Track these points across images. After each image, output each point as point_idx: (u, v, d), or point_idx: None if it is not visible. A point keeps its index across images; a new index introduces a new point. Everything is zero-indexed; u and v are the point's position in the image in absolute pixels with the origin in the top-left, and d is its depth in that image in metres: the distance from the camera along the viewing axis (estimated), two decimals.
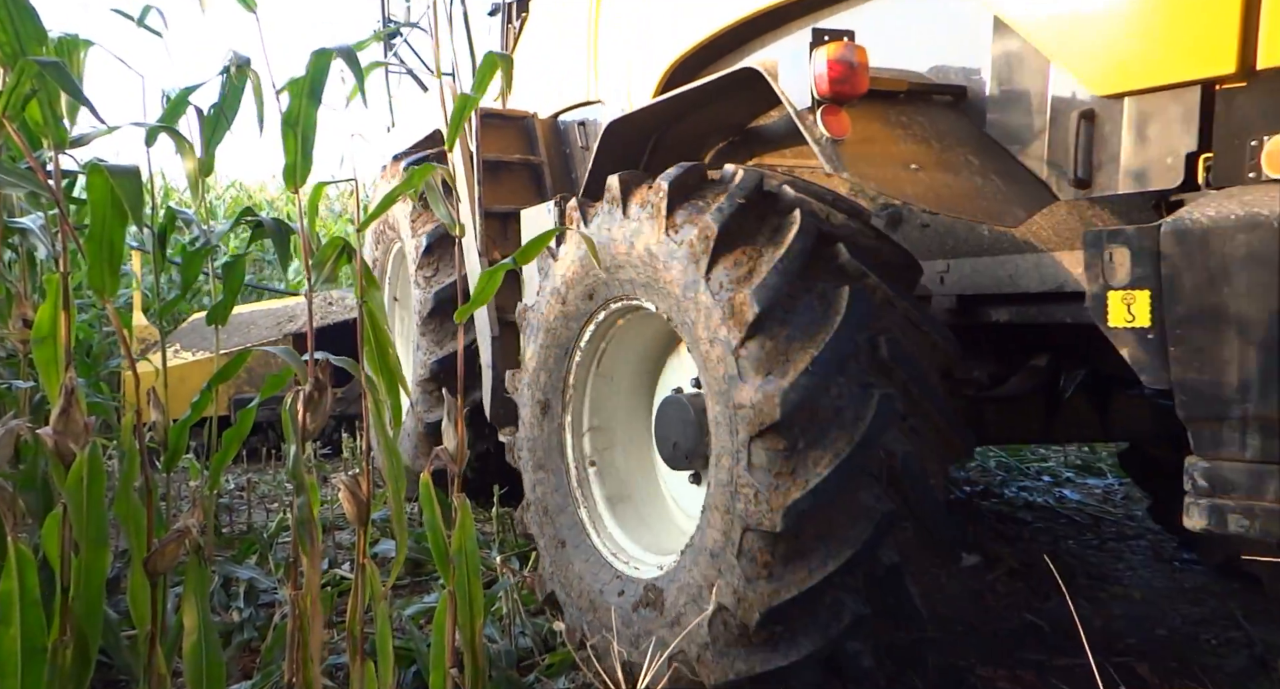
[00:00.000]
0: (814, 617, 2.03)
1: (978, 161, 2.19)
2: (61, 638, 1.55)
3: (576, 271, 2.64)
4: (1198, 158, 1.90)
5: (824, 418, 1.94)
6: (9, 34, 1.44)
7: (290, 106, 1.59)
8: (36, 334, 1.60)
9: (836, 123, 2.09)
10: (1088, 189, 2.11)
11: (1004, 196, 2.16)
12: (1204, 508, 1.81)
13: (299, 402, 1.67)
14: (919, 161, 2.14)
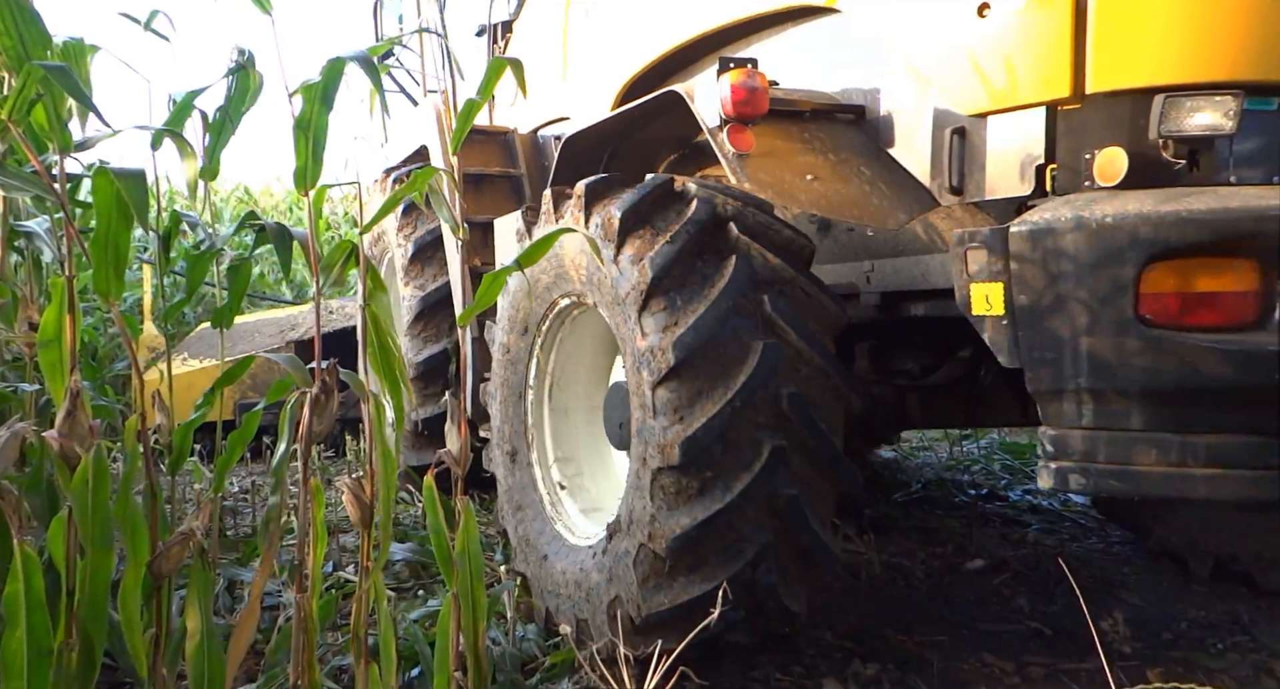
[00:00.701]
0: (721, 545, 2.22)
1: (869, 172, 2.50)
2: (67, 640, 1.55)
3: (511, 312, 2.98)
4: (1045, 168, 2.19)
5: (713, 364, 2.20)
6: (13, 39, 1.44)
7: (303, 111, 1.59)
8: (42, 337, 1.60)
9: (741, 139, 2.40)
10: (962, 196, 2.40)
11: (889, 203, 2.46)
12: (1051, 470, 2.09)
13: (305, 405, 1.67)
14: (816, 172, 2.45)
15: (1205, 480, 1.98)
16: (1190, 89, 2.02)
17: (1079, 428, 2.07)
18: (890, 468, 5.29)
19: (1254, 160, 2.09)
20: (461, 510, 1.98)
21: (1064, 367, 2.02)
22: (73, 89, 1.41)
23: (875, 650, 2.69)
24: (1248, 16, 2.02)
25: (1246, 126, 2.04)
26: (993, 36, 2.25)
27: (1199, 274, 1.98)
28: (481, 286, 1.87)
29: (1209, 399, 1.97)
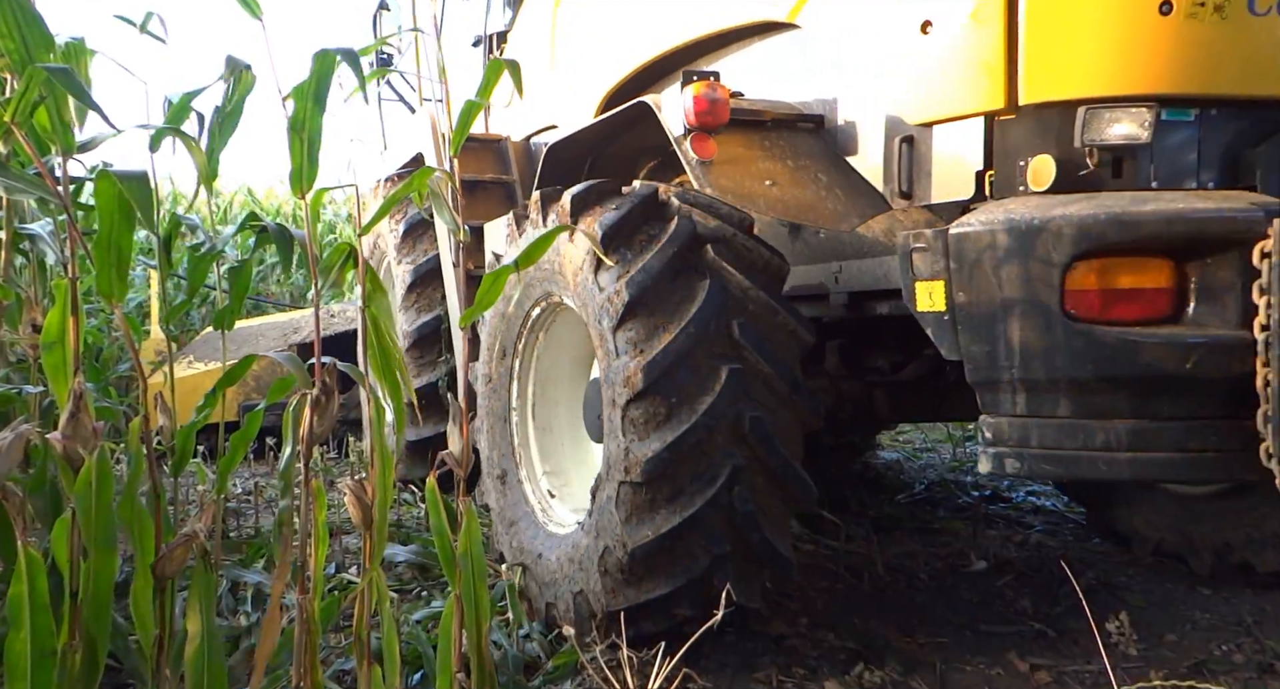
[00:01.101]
0: (680, 555, 2.36)
1: (826, 178, 2.69)
2: (70, 642, 1.55)
3: (490, 341, 3.11)
4: (984, 174, 2.36)
5: (680, 387, 2.31)
6: (16, 41, 1.45)
7: (295, 111, 1.59)
8: (45, 339, 1.61)
9: (704, 147, 2.60)
10: (911, 199, 2.57)
11: (843, 206, 2.65)
12: (989, 455, 2.24)
13: (306, 406, 1.67)
14: (775, 178, 2.64)
15: (1128, 463, 2.12)
16: (1110, 102, 2.20)
17: (1013, 416, 2.21)
18: (894, 469, 5.28)
19: (1174, 167, 2.24)
20: (464, 512, 1.98)
21: (999, 358, 2.16)
22: (76, 90, 1.42)
23: (878, 652, 2.68)
24: (1162, 35, 2.17)
25: (1167, 136, 2.23)
26: (935, 52, 2.42)
27: (1119, 272, 2.13)
28: (481, 288, 1.88)
29: (1130, 387, 2.10)
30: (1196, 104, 2.23)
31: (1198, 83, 2.22)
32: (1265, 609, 3.00)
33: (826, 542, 3.67)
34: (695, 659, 2.60)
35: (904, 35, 2.49)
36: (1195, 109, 2.24)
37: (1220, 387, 2.06)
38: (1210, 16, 2.16)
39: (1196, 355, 2.04)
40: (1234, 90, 2.25)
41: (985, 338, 2.17)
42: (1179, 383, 2.08)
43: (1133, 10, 2.17)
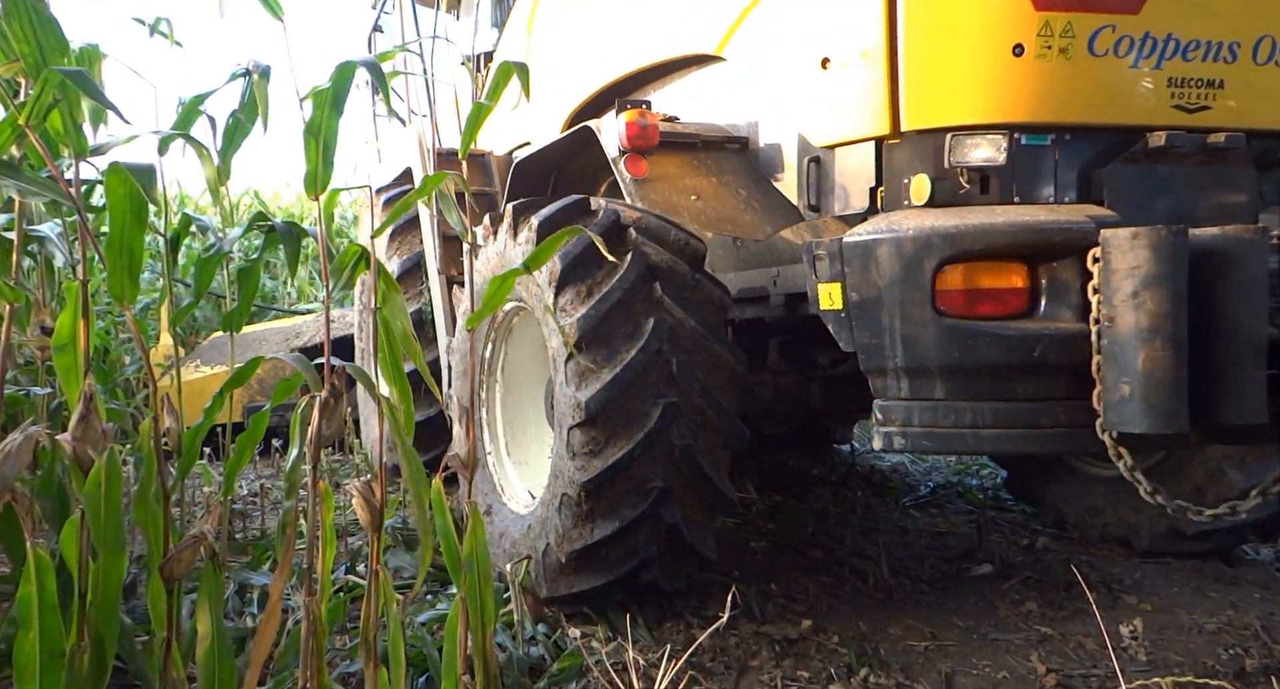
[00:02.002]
0: (611, 557, 2.70)
1: (747, 193, 3.03)
2: (79, 643, 1.56)
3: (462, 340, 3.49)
4: (876, 190, 2.69)
5: (620, 418, 2.60)
6: (32, 45, 1.46)
7: (313, 116, 1.60)
8: (57, 341, 1.61)
9: (636, 166, 2.95)
10: (819, 212, 2.91)
11: (760, 218, 2.99)
12: (880, 434, 2.54)
13: (314, 408, 1.68)
14: (700, 193, 3.00)
15: (991, 439, 2.45)
16: (972, 129, 2.54)
17: (898, 399, 2.53)
18: (899, 472, 5.28)
19: (1034, 184, 2.58)
20: (470, 514, 1.99)
21: (884, 350, 2.48)
22: (92, 92, 1.42)
23: (883, 656, 2.68)
24: (1016, 74, 2.49)
25: (1027, 157, 2.56)
26: (833, 85, 2.76)
27: (980, 275, 2.45)
28: (489, 290, 1.89)
29: (991, 373, 2.42)
30: (1050, 131, 2.57)
31: (1049, 113, 2.55)
32: (1274, 614, 2.99)
33: (832, 545, 3.67)
34: (700, 662, 2.60)
35: (809, 69, 2.83)
36: (1051, 135, 2.58)
37: (1065, 372, 2.37)
38: (1057, 57, 2.49)
39: (1042, 345, 2.36)
40: (1081, 119, 2.57)
41: (873, 332, 2.49)
42: (1031, 369, 2.39)
43: (990, 51, 2.50)
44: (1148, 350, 2.19)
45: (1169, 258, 2.18)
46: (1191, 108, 2.60)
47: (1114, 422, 2.26)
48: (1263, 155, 2.73)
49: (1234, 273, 2.25)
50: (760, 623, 2.91)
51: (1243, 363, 2.24)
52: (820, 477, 5.01)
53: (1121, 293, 2.23)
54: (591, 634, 2.77)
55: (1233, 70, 2.60)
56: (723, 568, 3.45)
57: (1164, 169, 2.65)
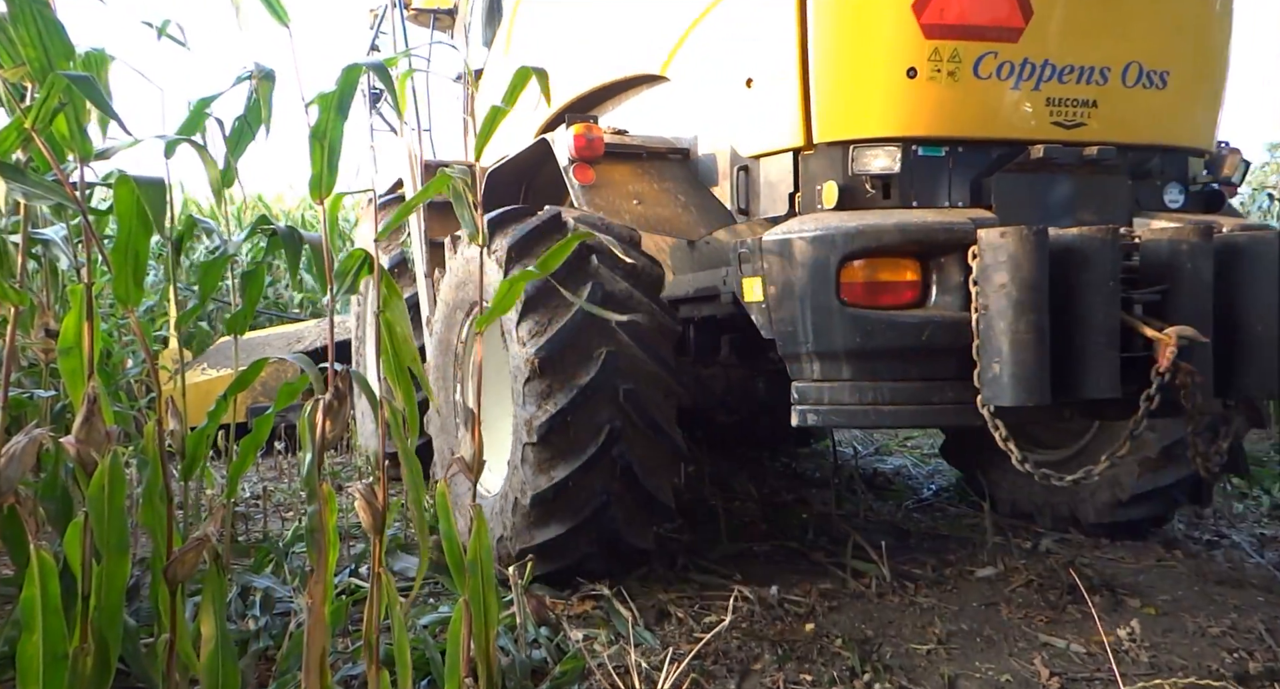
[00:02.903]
0: (568, 502, 2.93)
1: (685, 198, 3.36)
2: (82, 645, 1.56)
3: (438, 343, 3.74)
4: (794, 195, 3.01)
5: (566, 367, 2.88)
6: (38, 50, 1.46)
7: (319, 119, 1.61)
8: (62, 344, 1.62)
9: (583, 174, 3.27)
10: (748, 215, 3.22)
11: (695, 220, 3.31)
12: (797, 412, 2.85)
13: (318, 411, 1.68)
14: (642, 198, 3.30)
15: (890, 414, 2.76)
16: (872, 142, 2.87)
17: (811, 381, 2.82)
18: (901, 475, 5.28)
19: (931, 190, 2.92)
20: (474, 517, 1.99)
21: (798, 336, 2.76)
22: (97, 98, 1.43)
23: (886, 660, 2.68)
24: (910, 93, 2.83)
25: (924, 166, 2.89)
26: (756, 102, 3.09)
27: (878, 269, 2.75)
28: (499, 292, 1.90)
29: (889, 356, 2.72)
30: (944, 143, 2.90)
31: (940, 128, 2.88)
32: (1278, 617, 2.99)
33: (834, 548, 3.67)
34: (702, 665, 2.60)
35: (736, 88, 3.16)
36: (945, 147, 2.91)
37: (951, 354, 2.67)
38: (946, 79, 2.81)
39: (931, 331, 2.68)
40: (969, 133, 2.91)
41: (789, 320, 2.78)
42: (923, 352, 2.70)
43: (887, 74, 2.83)
44: (1013, 334, 2.51)
45: (1030, 254, 2.50)
46: (1069, 124, 2.94)
47: (989, 397, 2.58)
48: (1136, 166, 3.07)
49: (1089, 268, 2.57)
50: (762, 626, 2.91)
51: (1098, 346, 2.55)
52: (822, 479, 5.01)
53: (993, 284, 2.55)
54: (594, 637, 2.77)
55: (1105, 91, 2.93)
56: (724, 572, 3.44)
57: (1047, 177, 2.97)
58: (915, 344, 2.68)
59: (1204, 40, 3.14)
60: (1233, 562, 3.62)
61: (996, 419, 2.63)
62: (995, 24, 2.83)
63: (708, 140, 3.42)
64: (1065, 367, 2.57)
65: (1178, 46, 3.03)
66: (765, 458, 5.67)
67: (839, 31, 2.85)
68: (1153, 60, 2.96)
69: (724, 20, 3.24)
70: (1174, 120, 3.11)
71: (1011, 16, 2.82)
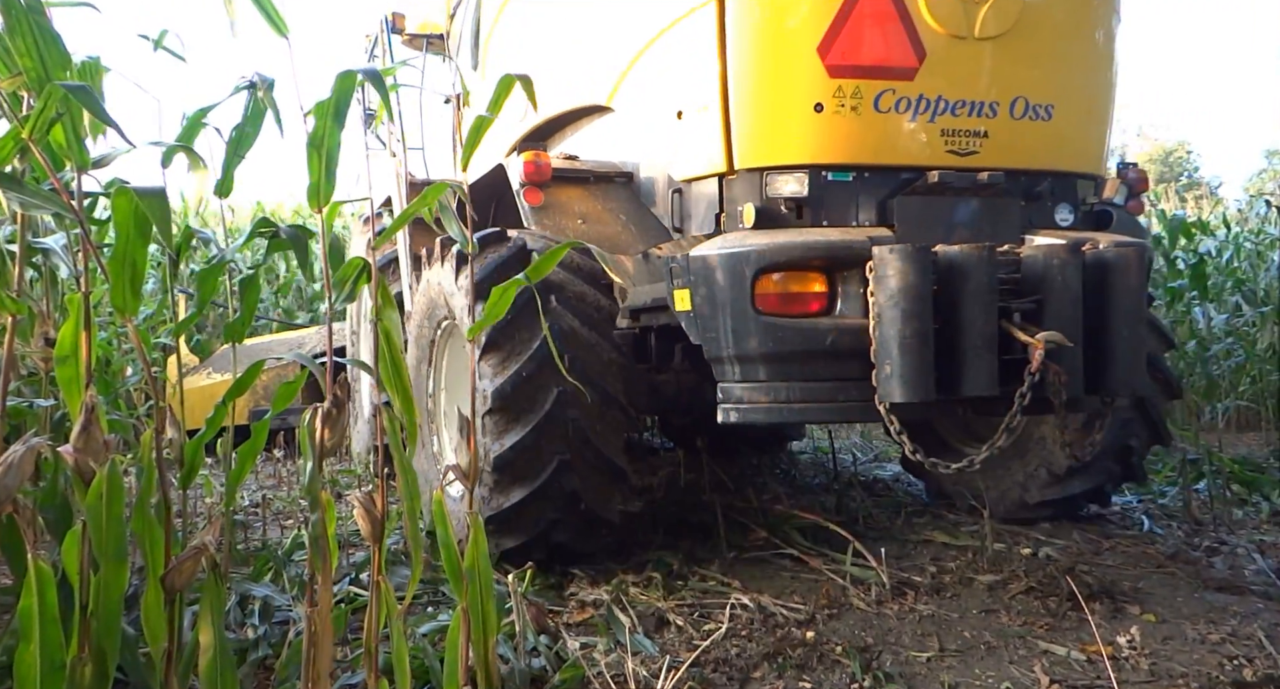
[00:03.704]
0: (522, 519, 3.25)
1: (626, 218, 3.70)
2: (80, 655, 1.56)
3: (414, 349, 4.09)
4: (720, 215, 3.33)
5: (522, 402, 3.19)
6: (35, 59, 1.47)
7: (315, 128, 1.61)
8: (59, 353, 1.62)
9: (533, 196, 3.61)
10: (682, 233, 3.56)
11: (635, 237, 3.64)
12: (721, 410, 3.16)
13: (317, 418, 1.68)
14: (587, 218, 3.64)
15: (801, 411, 3.13)
16: (783, 169, 3.18)
17: (733, 382, 3.14)
18: (900, 481, 5.27)
19: (841, 211, 3.24)
20: (470, 524, 1.99)
21: (721, 341, 3.07)
22: (94, 108, 1.43)
23: (886, 667, 2.67)
24: (817, 125, 3.14)
25: (833, 190, 3.22)
26: (686, 132, 3.41)
27: (789, 282, 3.07)
28: (491, 299, 1.91)
29: (799, 359, 3.05)
30: (850, 170, 3.22)
31: (844, 156, 3.19)
32: (1278, 625, 2.98)
33: (833, 555, 3.67)
34: (701, 673, 2.60)
35: (669, 119, 3.49)
36: (851, 172, 3.22)
37: (854, 358, 2.99)
38: (849, 113, 3.13)
39: (835, 336, 3.02)
40: (871, 160, 3.23)
41: (712, 327, 3.09)
42: (829, 356, 3.04)
43: (797, 109, 3.15)
44: (901, 339, 2.85)
45: (916, 268, 2.85)
46: (962, 152, 3.27)
47: (883, 394, 2.93)
48: (1026, 189, 3.42)
49: (969, 280, 2.91)
50: (761, 634, 2.90)
51: (977, 349, 2.89)
52: (821, 486, 5.00)
53: (885, 295, 2.88)
54: (592, 645, 2.76)
55: (994, 123, 3.27)
56: (723, 579, 3.44)
57: (944, 200, 3.29)
58: (822, 348, 3.02)
59: (1087, 76, 3.48)
60: (1232, 568, 3.61)
61: (891, 415, 2.97)
62: (892, 64, 3.15)
63: (647, 165, 3.77)
64: (949, 368, 2.90)
65: (1062, 82, 3.37)
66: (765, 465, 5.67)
67: (755, 70, 3.18)
68: (1038, 95, 3.31)
69: (657, 58, 3.56)
70: (1060, 148, 3.43)
71: (906, 58, 3.16)
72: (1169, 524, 4.27)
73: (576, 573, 3.52)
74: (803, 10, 3.11)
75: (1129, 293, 3.04)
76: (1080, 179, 3.57)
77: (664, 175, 3.62)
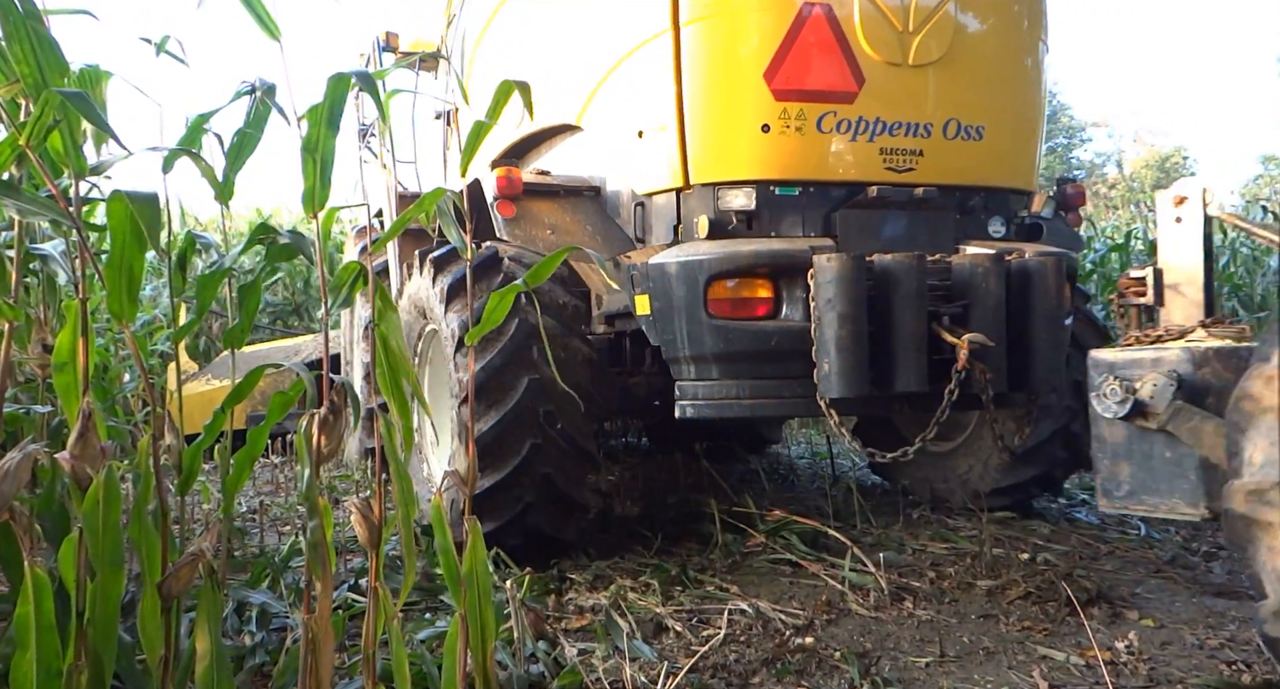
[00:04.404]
0: (499, 501, 3.42)
1: (593, 228, 3.93)
2: (77, 662, 1.55)
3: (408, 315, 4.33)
4: (677, 227, 3.60)
5: (496, 392, 3.41)
6: (32, 66, 1.47)
7: (309, 133, 1.61)
8: (56, 359, 1.62)
9: (505, 208, 3.81)
10: (644, 243, 3.80)
11: (601, 247, 3.81)
12: (679, 406, 3.49)
13: (314, 425, 1.68)
14: (555, 228, 3.87)
15: (750, 406, 3.42)
16: (733, 184, 3.47)
17: (688, 380, 3.47)
18: (900, 486, 5.27)
19: (788, 223, 3.53)
20: (469, 530, 1.99)
21: (677, 343, 3.38)
22: (91, 115, 1.43)
23: (885, 672, 2.67)
24: (764, 145, 3.43)
25: (781, 204, 3.50)
26: (647, 150, 3.69)
27: (738, 287, 3.34)
28: (490, 304, 1.91)
29: (748, 359, 3.35)
30: (796, 185, 3.51)
31: (790, 173, 3.49)
32: None
33: (832, 560, 3.66)
34: (700, 679, 2.59)
35: (631, 138, 3.76)
36: (798, 188, 3.51)
37: (797, 357, 3.26)
38: (794, 134, 3.42)
39: (779, 338, 3.30)
40: (814, 176, 3.51)
41: (669, 330, 3.39)
42: (775, 355, 3.32)
43: (746, 129, 3.44)
44: (838, 339, 3.13)
45: (851, 275, 3.13)
46: (900, 169, 3.56)
47: (823, 390, 3.20)
48: (960, 203, 3.73)
49: (901, 286, 3.19)
50: (760, 639, 2.90)
51: (908, 349, 3.17)
52: (820, 491, 5.00)
53: (824, 299, 3.16)
54: (591, 651, 2.75)
55: (929, 143, 3.57)
56: (721, 584, 3.43)
57: (883, 213, 3.59)
58: (768, 348, 3.31)
59: (1015, 99, 3.81)
60: (1230, 573, 3.61)
61: (830, 409, 3.29)
62: (833, 89, 3.44)
63: (613, 180, 4.03)
64: (883, 366, 3.20)
65: (992, 105, 3.68)
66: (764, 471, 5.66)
67: (707, 94, 3.48)
68: (969, 117, 3.61)
69: (620, 82, 3.85)
70: (991, 165, 3.74)
71: (846, 83, 3.45)
72: (1167, 529, 4.27)
73: (574, 578, 3.52)
74: (751, 39, 3.40)
75: (1047, 298, 3.33)
76: (1011, 194, 3.87)
77: (628, 189, 3.88)
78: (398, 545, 3.72)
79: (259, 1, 1.66)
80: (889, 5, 3.47)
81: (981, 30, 3.64)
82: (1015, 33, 3.75)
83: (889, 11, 3.47)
